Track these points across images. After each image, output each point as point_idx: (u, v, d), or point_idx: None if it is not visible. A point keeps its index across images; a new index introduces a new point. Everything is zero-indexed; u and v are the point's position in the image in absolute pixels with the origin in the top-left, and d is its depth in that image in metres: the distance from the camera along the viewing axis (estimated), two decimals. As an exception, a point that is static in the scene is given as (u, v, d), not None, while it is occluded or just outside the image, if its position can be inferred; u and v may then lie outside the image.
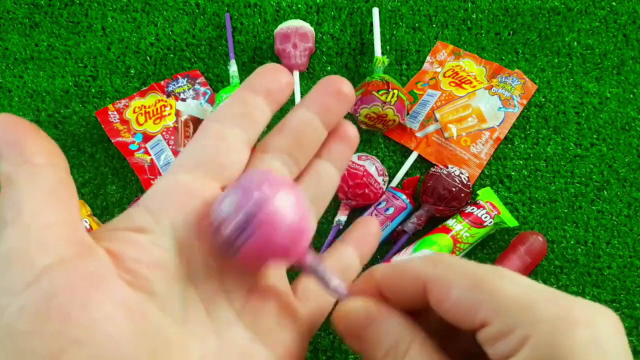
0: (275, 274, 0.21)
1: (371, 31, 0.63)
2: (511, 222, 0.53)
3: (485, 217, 0.52)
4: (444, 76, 0.62)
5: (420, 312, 0.19)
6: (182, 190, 0.19)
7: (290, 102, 0.60)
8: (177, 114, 0.59)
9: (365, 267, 0.22)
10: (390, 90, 0.55)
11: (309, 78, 0.62)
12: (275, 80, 0.22)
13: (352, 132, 0.23)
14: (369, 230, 0.24)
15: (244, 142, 0.21)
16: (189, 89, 0.61)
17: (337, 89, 0.22)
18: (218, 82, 0.62)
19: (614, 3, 0.65)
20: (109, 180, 0.57)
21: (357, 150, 0.59)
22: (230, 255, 0.18)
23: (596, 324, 0.15)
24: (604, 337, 0.15)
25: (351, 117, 0.60)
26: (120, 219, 0.18)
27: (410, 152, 0.59)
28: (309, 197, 0.22)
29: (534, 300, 0.16)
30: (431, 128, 0.59)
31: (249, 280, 0.20)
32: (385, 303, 0.19)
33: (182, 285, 0.18)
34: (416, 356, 0.17)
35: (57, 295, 0.14)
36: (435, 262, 0.18)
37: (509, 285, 0.16)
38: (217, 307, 0.19)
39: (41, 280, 0.14)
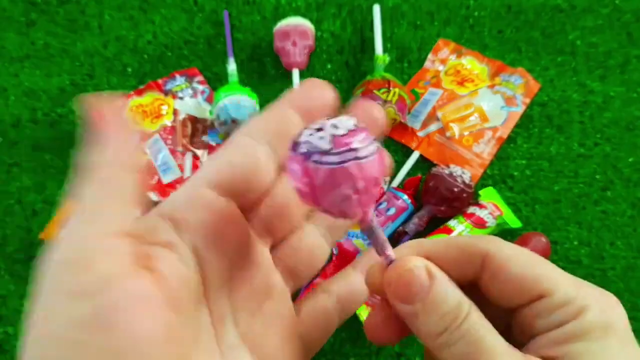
0: (280, 297, 0.21)
1: (372, 29, 0.62)
2: (514, 222, 0.52)
3: (488, 218, 0.52)
4: (446, 74, 0.61)
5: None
6: (204, 206, 0.19)
7: (290, 100, 0.60)
8: (175, 112, 0.58)
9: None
10: (391, 88, 0.54)
11: (308, 76, 0.62)
12: (319, 98, 0.21)
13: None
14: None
15: (274, 162, 0.20)
16: (186, 88, 0.60)
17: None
18: (216, 81, 0.62)
19: (617, 1, 0.64)
20: (106, 180, 0.57)
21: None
22: (314, 164, 0.16)
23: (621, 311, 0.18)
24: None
25: (351, 116, 0.59)
26: (145, 229, 0.18)
27: (411, 151, 0.58)
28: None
29: (580, 281, 0.18)
30: (433, 127, 0.58)
31: (256, 300, 0.20)
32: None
33: (199, 305, 0.18)
34: (477, 320, 0.18)
35: (110, 311, 0.15)
36: (492, 239, 0.19)
37: (558, 268, 0.19)
38: (224, 328, 0.19)
39: (97, 296, 0.15)
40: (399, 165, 0.57)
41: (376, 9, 0.62)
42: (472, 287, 0.19)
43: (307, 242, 0.23)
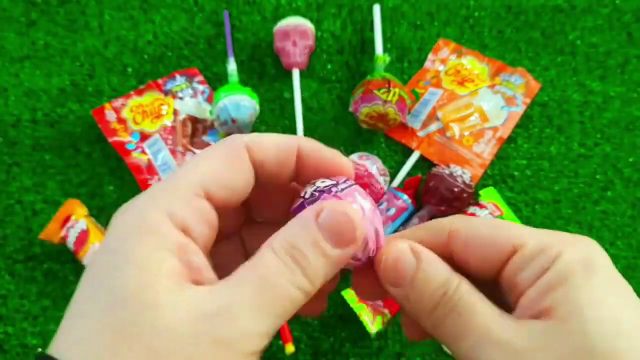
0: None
1: (372, 29, 0.62)
2: (514, 222, 0.52)
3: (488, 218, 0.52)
4: (446, 74, 0.61)
5: None
6: (208, 223, 0.19)
7: (290, 101, 0.60)
8: (175, 113, 0.58)
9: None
10: (391, 88, 0.54)
11: (308, 77, 0.61)
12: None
13: None
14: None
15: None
16: (187, 88, 0.60)
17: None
18: (216, 81, 0.61)
19: (617, 1, 0.64)
20: (106, 181, 0.57)
21: (358, 150, 0.58)
22: None
23: (600, 251, 0.18)
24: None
25: (352, 116, 0.59)
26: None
27: (411, 151, 0.58)
28: None
29: (553, 231, 0.18)
30: (433, 127, 0.58)
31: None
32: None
33: None
34: (468, 289, 0.18)
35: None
36: (455, 217, 0.20)
37: (529, 227, 0.19)
38: None
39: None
40: (399, 165, 0.57)
41: (376, 9, 0.62)
42: (459, 269, 0.20)
43: None
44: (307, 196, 0.20)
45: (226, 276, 0.17)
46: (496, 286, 0.19)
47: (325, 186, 0.20)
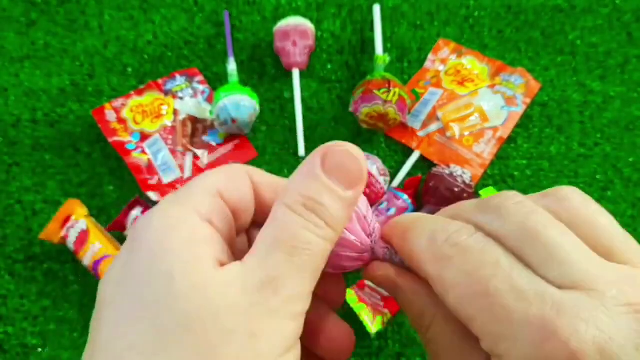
0: None
1: (372, 29, 0.62)
2: None
3: (488, 218, 0.51)
4: (446, 74, 0.61)
5: None
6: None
7: (290, 101, 0.60)
8: (175, 112, 0.58)
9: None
10: (391, 88, 0.54)
11: (309, 77, 0.61)
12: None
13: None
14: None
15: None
16: (187, 88, 0.60)
17: None
18: (216, 81, 0.61)
19: (617, 1, 0.64)
20: (106, 181, 0.57)
21: (358, 150, 0.58)
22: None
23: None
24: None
25: (352, 116, 0.59)
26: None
27: (411, 151, 0.58)
28: None
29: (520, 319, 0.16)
30: (433, 127, 0.58)
31: None
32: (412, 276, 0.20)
33: None
34: (439, 325, 0.19)
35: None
36: (434, 257, 0.18)
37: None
38: None
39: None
40: (399, 165, 0.57)
41: (376, 9, 0.62)
42: None
43: None
44: None
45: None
46: None
47: None
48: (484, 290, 0.16)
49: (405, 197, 0.53)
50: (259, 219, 0.21)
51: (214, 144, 0.58)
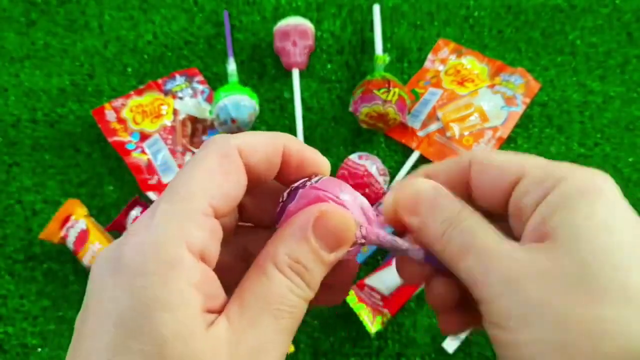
0: None
1: (372, 29, 0.62)
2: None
3: (488, 218, 0.52)
4: (446, 74, 0.61)
5: None
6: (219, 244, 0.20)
7: (290, 101, 0.60)
8: (175, 112, 0.58)
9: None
10: (391, 88, 0.54)
11: (308, 76, 0.62)
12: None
13: None
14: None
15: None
16: (186, 88, 0.60)
17: None
18: (216, 81, 0.62)
19: (617, 1, 0.64)
20: (106, 181, 0.57)
21: (358, 150, 0.58)
22: None
23: (605, 177, 0.19)
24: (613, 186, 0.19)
25: (352, 116, 0.59)
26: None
27: (411, 151, 0.58)
28: None
29: (562, 163, 0.19)
30: (433, 127, 0.58)
31: None
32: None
33: None
34: (474, 216, 0.20)
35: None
36: (479, 149, 0.22)
37: (541, 158, 0.20)
38: None
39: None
40: (398, 165, 0.57)
41: (376, 9, 0.62)
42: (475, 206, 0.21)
43: None
44: (284, 198, 0.21)
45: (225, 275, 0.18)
46: (507, 221, 0.21)
47: (300, 183, 0.21)
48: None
49: (405, 197, 0.53)
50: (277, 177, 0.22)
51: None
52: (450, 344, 0.49)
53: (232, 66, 0.58)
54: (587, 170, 0.18)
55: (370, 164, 0.53)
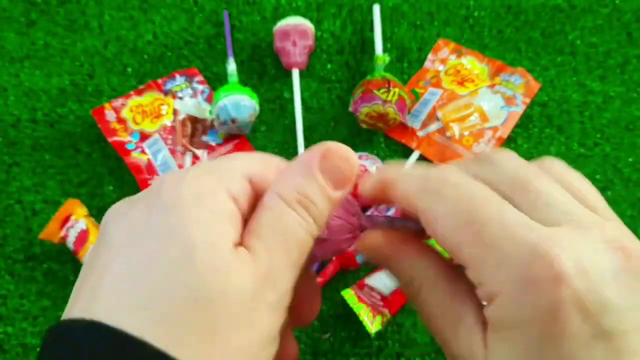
0: None
1: (372, 29, 0.62)
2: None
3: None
4: (446, 74, 0.61)
5: None
6: None
7: (290, 101, 0.60)
8: (175, 112, 0.58)
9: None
10: (391, 88, 0.54)
11: (308, 77, 0.61)
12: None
13: None
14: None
15: None
16: (186, 88, 0.60)
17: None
18: (216, 81, 0.62)
19: (617, 1, 0.64)
20: (106, 181, 0.57)
21: (358, 150, 0.58)
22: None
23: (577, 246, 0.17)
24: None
25: (352, 116, 0.59)
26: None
27: (411, 151, 0.58)
28: None
29: (511, 257, 0.17)
30: (433, 127, 0.58)
31: None
32: (403, 239, 0.22)
33: None
34: (427, 293, 0.20)
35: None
36: (425, 191, 0.19)
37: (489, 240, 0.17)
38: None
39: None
40: (399, 165, 0.57)
41: (376, 9, 0.62)
42: None
43: None
44: None
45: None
46: None
47: None
48: (472, 219, 0.17)
49: (405, 197, 0.53)
50: None
51: (213, 144, 0.58)
52: (450, 344, 0.49)
53: (232, 66, 0.58)
54: (528, 289, 0.16)
55: (370, 164, 0.53)
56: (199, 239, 0.16)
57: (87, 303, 0.15)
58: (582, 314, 0.15)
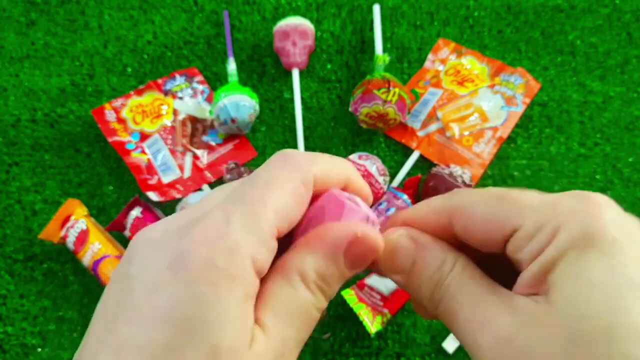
0: None
1: (372, 29, 0.62)
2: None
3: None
4: (446, 74, 0.61)
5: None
6: None
7: (290, 101, 0.60)
8: (175, 112, 0.58)
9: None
10: (391, 88, 0.54)
11: (308, 77, 0.61)
12: None
13: None
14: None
15: None
16: (186, 87, 0.60)
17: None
18: (216, 81, 0.62)
19: (617, 1, 0.64)
20: (106, 181, 0.57)
21: (358, 150, 0.58)
22: None
23: (615, 204, 0.17)
24: (625, 213, 0.17)
25: (352, 116, 0.59)
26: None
27: (411, 151, 0.58)
28: None
29: (556, 198, 0.17)
30: (433, 127, 0.58)
31: None
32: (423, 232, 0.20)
33: None
34: (461, 272, 0.19)
35: None
36: (454, 193, 0.19)
37: (529, 193, 0.18)
38: None
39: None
40: (398, 165, 0.57)
41: (376, 9, 0.62)
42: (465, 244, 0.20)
43: None
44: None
45: None
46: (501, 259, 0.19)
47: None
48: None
49: (405, 197, 0.53)
50: None
51: (213, 144, 0.58)
52: (451, 344, 0.49)
53: (232, 66, 0.58)
54: (588, 211, 0.16)
55: (370, 164, 0.53)
56: (222, 345, 0.15)
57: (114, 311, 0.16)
58: None
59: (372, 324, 0.47)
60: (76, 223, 0.51)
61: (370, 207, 0.22)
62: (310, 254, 0.18)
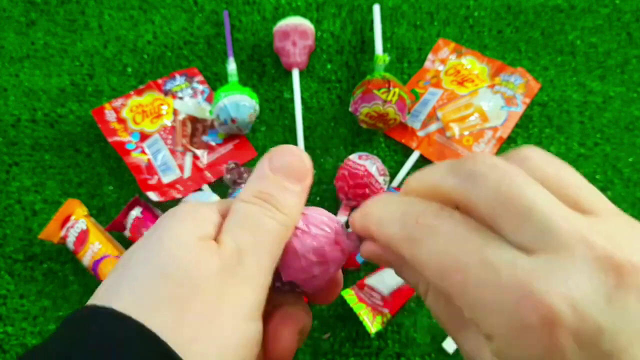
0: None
1: (372, 29, 0.62)
2: None
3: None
4: (446, 74, 0.61)
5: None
6: None
7: (290, 101, 0.60)
8: (175, 112, 0.58)
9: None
10: (391, 88, 0.54)
11: (308, 77, 0.61)
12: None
13: None
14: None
15: None
16: (186, 87, 0.60)
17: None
18: (216, 81, 0.62)
19: (617, 1, 0.64)
20: (106, 181, 0.57)
21: (358, 150, 0.58)
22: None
23: None
24: None
25: (352, 116, 0.59)
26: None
27: (411, 151, 0.58)
28: None
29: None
30: (433, 127, 0.58)
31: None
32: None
33: None
34: (432, 294, 0.20)
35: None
36: (406, 240, 0.19)
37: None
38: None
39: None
40: (398, 165, 0.57)
41: (376, 9, 0.62)
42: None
43: None
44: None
45: None
46: None
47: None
48: (455, 266, 0.17)
49: (405, 197, 0.53)
50: None
51: (213, 144, 0.58)
52: (451, 344, 0.49)
53: (232, 66, 0.58)
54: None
55: (370, 164, 0.53)
56: (166, 235, 0.19)
57: (107, 296, 0.18)
58: (579, 344, 0.14)
59: (372, 324, 0.47)
60: (76, 223, 0.51)
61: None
62: (246, 186, 0.21)
